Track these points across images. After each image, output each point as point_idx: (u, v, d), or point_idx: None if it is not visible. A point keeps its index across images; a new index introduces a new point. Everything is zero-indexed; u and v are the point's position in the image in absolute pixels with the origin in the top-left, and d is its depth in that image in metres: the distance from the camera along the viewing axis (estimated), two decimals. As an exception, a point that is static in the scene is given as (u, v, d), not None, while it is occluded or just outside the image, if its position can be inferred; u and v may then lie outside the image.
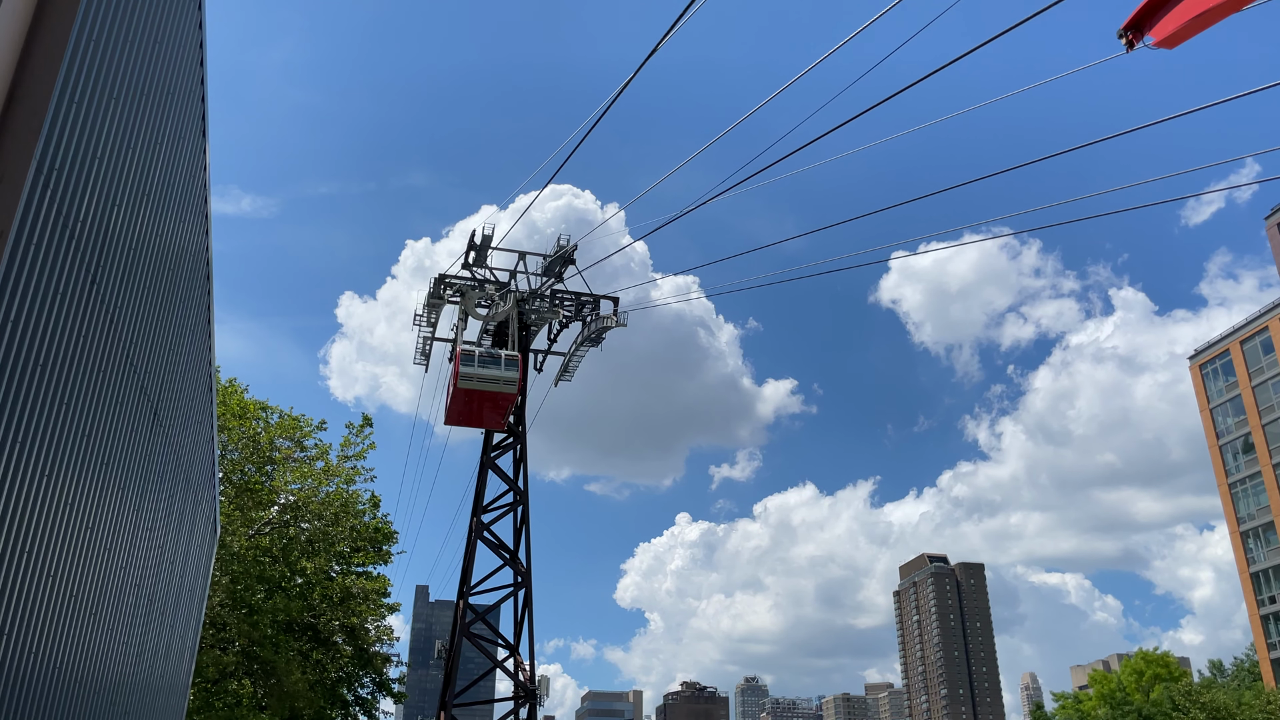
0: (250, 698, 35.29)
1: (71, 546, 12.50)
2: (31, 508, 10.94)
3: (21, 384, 10.07)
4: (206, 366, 20.29)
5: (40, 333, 10.45)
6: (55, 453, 11.44)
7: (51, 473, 11.36)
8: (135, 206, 13.52)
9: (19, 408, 10.09)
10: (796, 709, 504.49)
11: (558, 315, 61.65)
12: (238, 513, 35.38)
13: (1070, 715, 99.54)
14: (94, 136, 11.23)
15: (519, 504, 57.95)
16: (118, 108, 12.17)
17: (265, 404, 39.15)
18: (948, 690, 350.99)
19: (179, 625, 20.64)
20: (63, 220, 10.60)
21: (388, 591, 41.21)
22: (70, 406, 11.71)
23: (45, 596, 11.89)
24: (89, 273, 11.60)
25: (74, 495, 12.34)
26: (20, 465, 10.39)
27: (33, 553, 11.18)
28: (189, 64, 16.02)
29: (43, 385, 10.68)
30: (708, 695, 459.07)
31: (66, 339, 11.33)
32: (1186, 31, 12.11)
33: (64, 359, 11.25)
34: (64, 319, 11.12)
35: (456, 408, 45.64)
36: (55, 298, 10.66)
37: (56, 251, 10.51)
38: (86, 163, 11.03)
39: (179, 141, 15.97)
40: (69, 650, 13.16)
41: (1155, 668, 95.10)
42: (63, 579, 12.43)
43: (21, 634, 11.25)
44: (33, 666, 11.77)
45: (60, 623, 12.55)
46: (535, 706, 54.28)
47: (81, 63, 10.46)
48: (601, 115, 25.66)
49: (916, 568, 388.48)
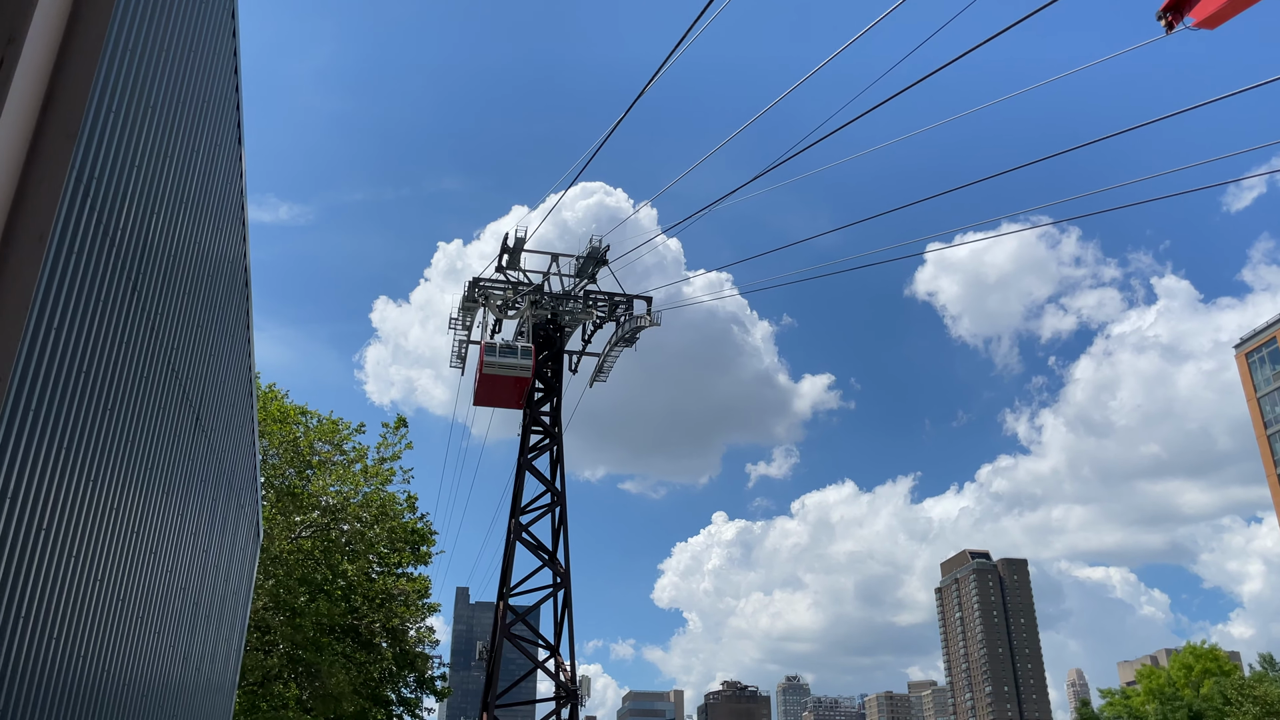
0: (296, 700, 35.63)
1: (118, 550, 12.65)
2: (78, 512, 11.08)
3: (66, 388, 10.19)
4: (246, 371, 20.48)
5: (84, 337, 10.58)
6: (100, 457, 11.57)
7: (96, 477, 11.50)
8: (174, 214, 13.66)
9: (64, 412, 10.22)
10: (839, 708, 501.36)
11: (591, 316, 61.71)
12: (279, 516, 35.75)
13: (1119, 711, 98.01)
14: (131, 143, 11.35)
15: (556, 504, 58.01)
16: (154, 115, 12.30)
17: (304, 408, 39.55)
18: (992, 688, 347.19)
19: (224, 628, 20.86)
20: (103, 228, 10.72)
21: (428, 592, 41.45)
22: (114, 411, 11.85)
23: (94, 600, 12.04)
24: (130, 280, 11.73)
25: (119, 500, 12.49)
26: (66, 470, 10.52)
27: (81, 557, 11.32)
28: (223, 71, 16.17)
29: (87, 389, 10.81)
30: (749, 694, 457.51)
31: (109, 344, 11.46)
32: (1227, 11, 11.83)
33: (107, 363, 11.38)
34: (107, 325, 11.25)
35: (483, 390, 56.26)
36: (98, 304, 10.79)
37: (98, 259, 10.64)
38: (125, 170, 11.15)
39: (215, 149, 16.13)
40: (119, 654, 13.33)
41: (1205, 662, 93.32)
42: (110, 583, 12.59)
43: (73, 638, 11.40)
44: (84, 670, 11.93)
45: (109, 626, 12.71)
46: (576, 706, 54.34)
47: (117, 69, 10.58)
48: (626, 112, 25.64)
49: (958, 564, 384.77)
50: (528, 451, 58.68)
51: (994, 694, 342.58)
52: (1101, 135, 21.08)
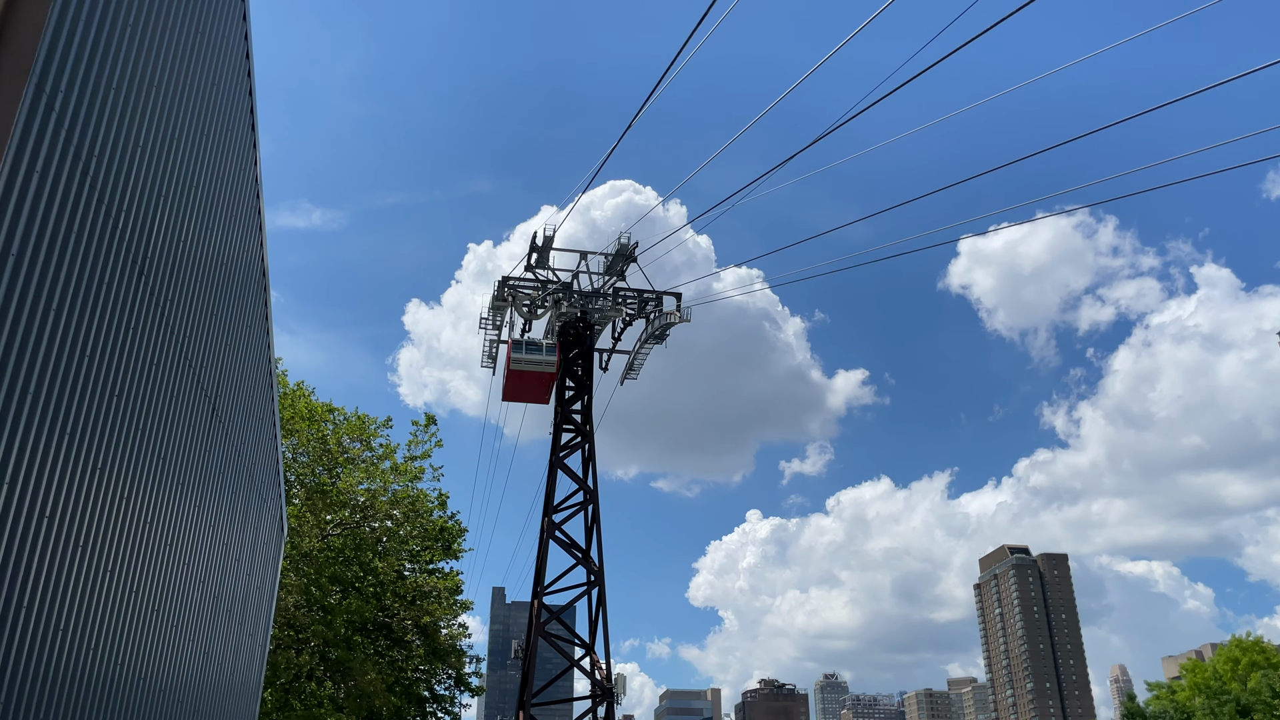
0: (329, 698, 35.59)
1: (131, 542, 12.44)
2: (88, 505, 10.87)
3: (69, 370, 9.98)
4: (266, 363, 20.32)
5: (93, 328, 10.36)
6: (109, 446, 11.36)
7: (105, 467, 11.27)
8: (183, 203, 13.47)
9: (70, 400, 10.00)
10: (878, 705, 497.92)
11: (620, 313, 61.59)
12: (309, 514, 35.73)
13: (1165, 705, 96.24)
14: (133, 124, 11.14)
15: (589, 502, 57.88)
16: (160, 103, 12.10)
17: (330, 405, 39.64)
18: (1034, 684, 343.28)
19: (248, 625, 20.68)
20: (105, 208, 10.50)
21: (459, 588, 41.37)
22: (123, 399, 11.63)
23: (108, 594, 11.85)
24: (135, 264, 11.51)
25: (131, 490, 12.28)
26: (73, 459, 10.30)
27: (93, 549, 11.11)
28: (234, 62, 15.98)
29: (89, 371, 10.58)
30: (787, 693, 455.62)
31: (117, 332, 11.26)
32: None
33: (115, 349, 11.16)
34: (112, 308, 11.03)
35: (511, 386, 59.07)
36: (101, 285, 10.56)
37: (100, 237, 10.42)
38: (127, 151, 10.94)
39: (228, 139, 15.95)
40: (135, 649, 13.13)
41: (1252, 655, 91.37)
42: (125, 576, 12.39)
43: (87, 633, 11.20)
44: (99, 666, 11.73)
45: (123, 620, 12.51)
46: (612, 705, 54.08)
47: (113, 51, 10.36)
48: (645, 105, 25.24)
49: (997, 559, 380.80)
50: (559, 450, 58.66)
51: (1035, 691, 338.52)
52: (1136, 112, 20.39)
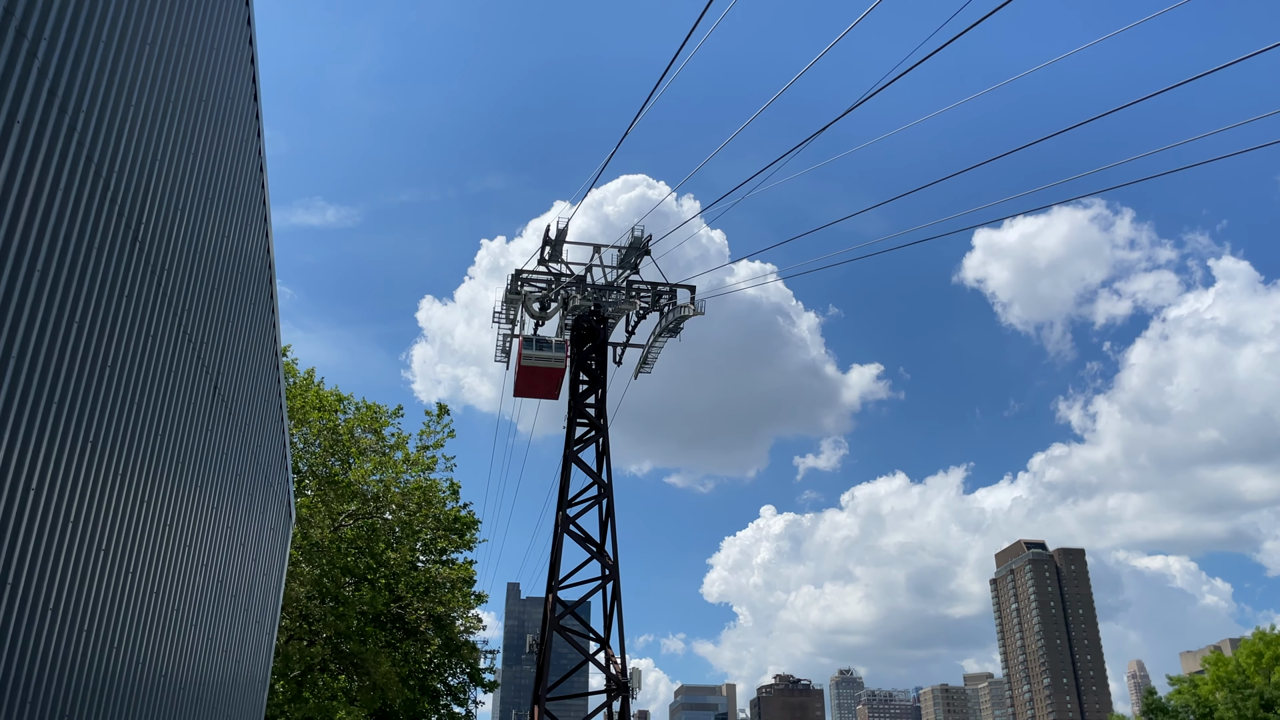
0: (342, 690, 35.26)
1: (128, 522, 11.99)
2: (89, 489, 10.43)
3: (64, 347, 9.52)
4: (272, 349, 19.88)
5: (98, 318, 9.90)
6: (110, 423, 10.91)
7: (97, 439, 10.79)
8: (187, 197, 13.02)
9: (62, 363, 9.55)
10: (893, 701, 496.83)
11: (634, 306, 61.29)
12: (321, 505, 35.37)
13: (1186, 700, 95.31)
14: (128, 88, 10.67)
15: (603, 496, 57.60)
16: (154, 65, 11.64)
17: (339, 393, 39.38)
18: (1051, 680, 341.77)
19: (254, 613, 20.22)
20: (115, 203, 10.04)
21: (473, 579, 41.05)
22: (123, 377, 11.18)
23: (111, 580, 11.42)
24: (128, 226, 11.02)
25: (133, 471, 11.83)
26: (70, 437, 9.86)
27: (92, 529, 10.68)
28: (237, 49, 15.53)
29: (94, 357, 10.13)
30: (802, 688, 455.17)
31: (117, 307, 10.80)
32: None
33: (107, 315, 10.67)
34: (114, 288, 10.57)
35: (522, 381, 60.06)
36: (93, 250, 10.07)
37: (90, 193, 9.96)
38: (119, 111, 10.46)
39: (230, 130, 15.49)
40: (142, 638, 12.72)
41: (1276, 648, 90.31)
42: (131, 564, 11.96)
43: (93, 622, 10.78)
44: (108, 658, 11.32)
45: (124, 606, 12.08)
46: (628, 699, 53.67)
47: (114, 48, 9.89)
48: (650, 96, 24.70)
49: (1013, 554, 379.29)
50: (574, 444, 58.45)
51: (1052, 686, 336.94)
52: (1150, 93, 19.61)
